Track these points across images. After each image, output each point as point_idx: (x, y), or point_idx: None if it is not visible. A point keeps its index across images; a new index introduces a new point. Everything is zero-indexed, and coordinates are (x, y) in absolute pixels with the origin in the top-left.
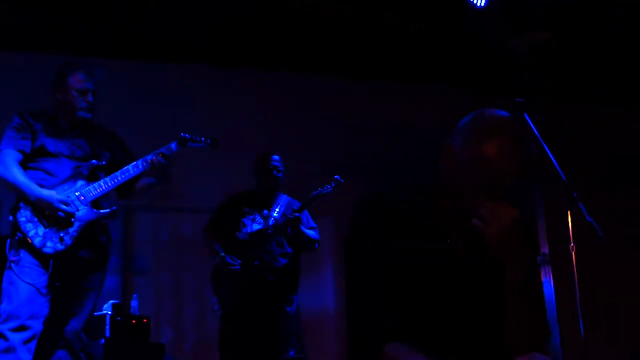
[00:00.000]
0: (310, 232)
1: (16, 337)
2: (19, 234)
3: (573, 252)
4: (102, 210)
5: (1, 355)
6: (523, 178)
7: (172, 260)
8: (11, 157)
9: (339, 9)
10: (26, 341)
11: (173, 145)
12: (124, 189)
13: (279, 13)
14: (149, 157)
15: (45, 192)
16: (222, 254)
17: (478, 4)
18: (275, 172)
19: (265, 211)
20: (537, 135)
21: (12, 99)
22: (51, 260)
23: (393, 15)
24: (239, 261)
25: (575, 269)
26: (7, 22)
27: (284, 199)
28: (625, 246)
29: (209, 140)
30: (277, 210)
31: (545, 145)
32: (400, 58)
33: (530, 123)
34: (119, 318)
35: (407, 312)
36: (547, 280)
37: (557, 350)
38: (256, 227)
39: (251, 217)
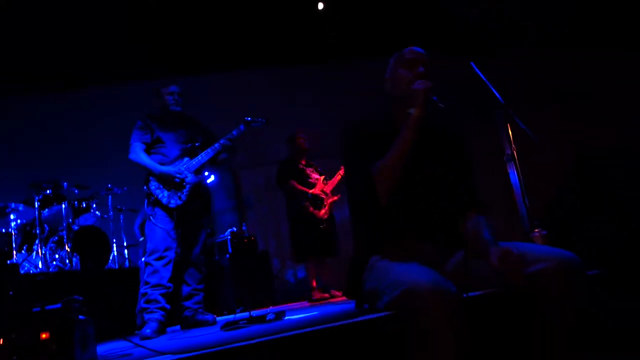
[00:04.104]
0: None
1: (158, 264)
2: (153, 197)
3: (515, 152)
4: (202, 176)
5: (151, 276)
6: (429, 96)
7: (267, 198)
8: (139, 148)
9: None
10: (164, 265)
11: (242, 127)
12: (211, 161)
13: None
14: (222, 141)
15: (165, 168)
16: (311, 191)
17: None
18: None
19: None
20: (486, 82)
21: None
22: (175, 213)
23: None
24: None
25: (517, 162)
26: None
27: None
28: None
29: (264, 120)
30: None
31: (487, 81)
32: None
33: (482, 76)
34: (235, 240)
35: None
36: (512, 171)
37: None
38: (315, 176)
39: (309, 169)
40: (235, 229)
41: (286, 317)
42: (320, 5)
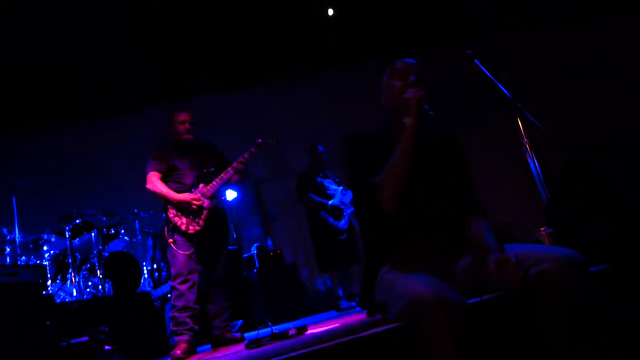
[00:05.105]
0: None
1: (183, 287)
2: (171, 224)
3: (527, 145)
4: (217, 200)
5: (177, 300)
6: (421, 104)
7: (291, 209)
8: (156, 177)
9: None
10: (189, 287)
11: (253, 149)
12: (225, 184)
13: None
14: (234, 164)
15: (182, 195)
16: (329, 203)
17: None
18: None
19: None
20: (487, 72)
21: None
22: (195, 238)
23: None
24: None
25: (530, 151)
26: None
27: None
28: None
29: (274, 141)
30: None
31: (493, 77)
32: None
33: (481, 66)
34: (261, 254)
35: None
36: (531, 161)
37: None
38: (333, 187)
39: (327, 181)
40: (260, 243)
41: (308, 332)
42: (331, 12)
